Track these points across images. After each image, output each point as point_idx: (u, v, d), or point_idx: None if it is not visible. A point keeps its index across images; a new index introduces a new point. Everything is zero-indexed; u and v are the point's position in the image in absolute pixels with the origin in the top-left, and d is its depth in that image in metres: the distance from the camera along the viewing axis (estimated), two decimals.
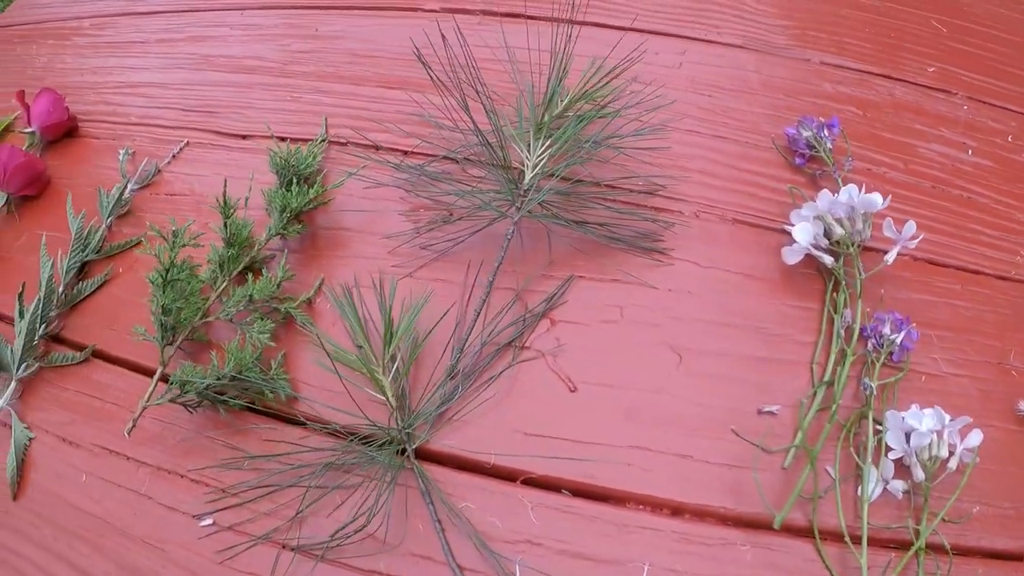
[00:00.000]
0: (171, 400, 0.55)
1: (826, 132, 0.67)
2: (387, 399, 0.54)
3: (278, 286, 0.59)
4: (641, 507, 0.53)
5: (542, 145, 0.61)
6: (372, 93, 0.74)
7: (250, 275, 0.61)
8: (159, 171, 0.73)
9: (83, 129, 0.82)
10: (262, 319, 0.58)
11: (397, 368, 0.54)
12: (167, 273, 0.57)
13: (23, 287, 0.68)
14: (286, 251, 0.64)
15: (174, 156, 0.74)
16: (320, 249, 0.65)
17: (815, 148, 0.66)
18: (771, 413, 0.55)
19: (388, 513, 0.52)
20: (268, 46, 0.81)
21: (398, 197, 0.67)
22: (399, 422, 0.54)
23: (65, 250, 0.69)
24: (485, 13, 0.80)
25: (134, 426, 0.55)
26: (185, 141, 0.74)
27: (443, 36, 0.62)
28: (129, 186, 0.72)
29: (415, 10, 0.81)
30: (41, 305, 0.63)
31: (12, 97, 0.80)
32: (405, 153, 0.70)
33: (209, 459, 0.56)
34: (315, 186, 0.63)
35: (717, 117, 0.72)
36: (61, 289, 0.66)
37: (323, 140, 0.70)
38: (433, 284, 0.62)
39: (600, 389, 0.58)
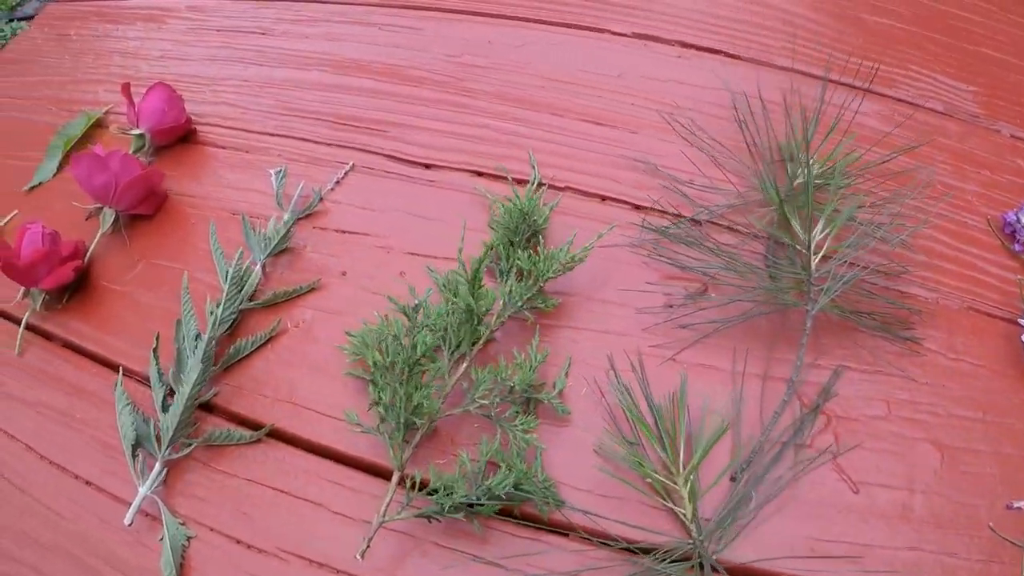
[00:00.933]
0: (418, 515, 0.43)
1: None
2: (684, 511, 0.44)
3: (534, 371, 0.48)
4: None
5: (822, 226, 0.52)
6: (576, 128, 0.64)
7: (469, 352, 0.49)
8: (321, 199, 0.60)
9: (202, 135, 0.67)
10: (520, 412, 0.47)
11: (687, 473, 0.45)
12: (410, 359, 0.44)
13: (157, 341, 0.54)
14: (537, 327, 0.52)
15: (338, 182, 0.61)
16: (562, 319, 0.54)
17: None
18: (1020, 509, 0.50)
19: None
20: (432, 55, 0.69)
21: (640, 262, 0.57)
22: (696, 535, 0.44)
23: (211, 294, 0.55)
24: (683, 45, 0.70)
25: (368, 546, 0.43)
26: (351, 164, 0.61)
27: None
28: (285, 216, 0.59)
29: (602, 31, 0.71)
30: (201, 368, 0.50)
31: (98, 87, 0.65)
32: (636, 208, 0.59)
33: None
34: (563, 248, 0.52)
35: (938, 194, 0.65)
36: (210, 339, 0.52)
37: (539, 184, 0.58)
38: (697, 370, 0.52)
39: (875, 489, 0.51)
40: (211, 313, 0.53)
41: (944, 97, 0.69)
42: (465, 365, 0.48)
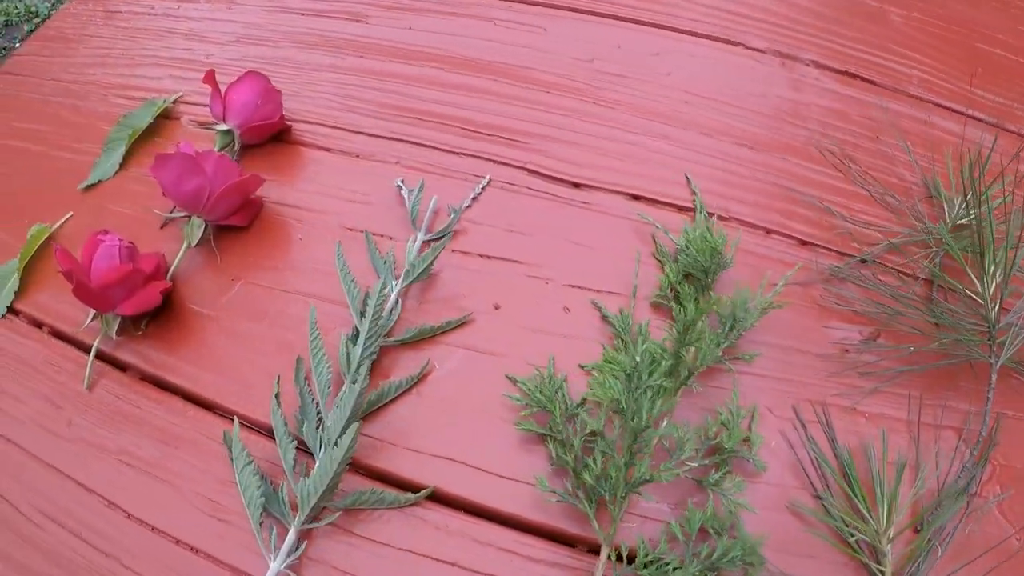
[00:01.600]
0: None
1: None
2: (884, 566, 0.39)
3: (736, 427, 0.41)
4: None
5: (998, 272, 0.47)
6: (728, 151, 0.57)
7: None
8: (456, 219, 0.52)
9: (296, 134, 0.58)
10: (723, 471, 0.40)
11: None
12: (633, 426, 0.37)
13: (278, 384, 0.45)
14: (735, 378, 0.45)
15: (475, 198, 0.52)
16: (741, 367, 0.48)
17: None
18: None
19: None
20: (561, 58, 0.61)
21: (811, 302, 0.51)
22: None
23: (325, 325, 0.47)
24: (817, 65, 0.64)
25: None
26: (487, 178, 0.53)
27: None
28: (419, 237, 0.50)
29: (737, 44, 0.64)
30: (356, 426, 0.41)
31: (160, 71, 0.55)
32: (802, 243, 0.53)
33: None
34: (759, 292, 0.45)
35: None
36: (362, 389, 0.44)
37: (704, 213, 0.51)
38: (876, 420, 0.47)
39: None
40: (344, 352, 0.45)
41: None
42: (666, 423, 0.41)
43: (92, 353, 0.51)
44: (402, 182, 0.53)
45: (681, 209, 0.53)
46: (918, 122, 0.61)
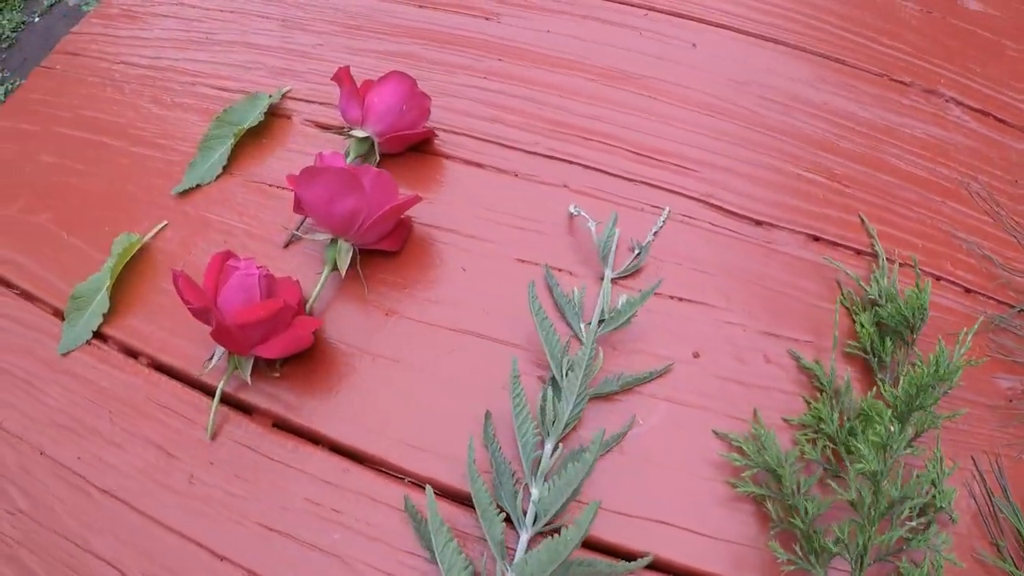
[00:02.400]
0: None
1: None
2: None
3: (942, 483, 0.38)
4: None
5: None
6: (897, 192, 0.53)
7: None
8: (638, 254, 0.47)
9: (437, 145, 0.51)
10: (929, 525, 0.37)
11: None
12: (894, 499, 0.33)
13: (472, 449, 0.39)
14: (938, 434, 0.42)
15: (655, 234, 0.47)
16: None
17: None
18: None
19: None
20: (716, 78, 0.57)
21: (979, 353, 0.48)
22: None
23: (495, 372, 0.41)
24: (956, 103, 0.62)
25: None
26: (667, 210, 0.48)
27: None
28: (607, 272, 0.45)
29: (882, 75, 0.61)
30: (596, 504, 0.35)
31: (261, 57, 0.49)
32: (966, 291, 0.50)
33: None
34: (956, 350, 0.42)
35: None
36: (595, 457, 0.38)
37: (884, 260, 0.48)
38: None
39: None
40: (550, 409, 0.39)
41: None
42: (885, 483, 0.37)
43: (217, 396, 0.43)
44: (579, 209, 0.47)
45: (859, 253, 0.50)
46: None
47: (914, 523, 0.39)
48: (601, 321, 0.44)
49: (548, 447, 0.39)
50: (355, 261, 0.45)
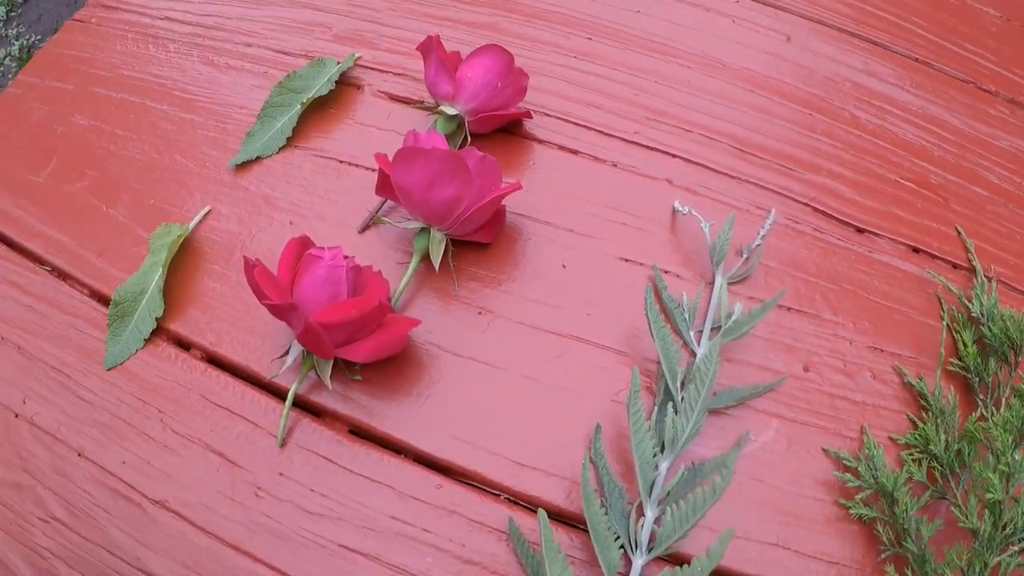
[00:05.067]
0: None
1: None
2: None
3: None
4: None
5: None
6: (990, 207, 0.49)
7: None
8: (747, 259, 0.42)
9: (528, 127, 0.46)
10: None
11: None
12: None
13: (586, 466, 0.34)
14: None
15: (762, 237, 0.43)
16: None
17: None
18: None
19: None
20: (811, 73, 0.52)
21: None
22: None
23: (606, 385, 0.37)
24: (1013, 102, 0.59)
25: None
26: (772, 211, 0.44)
27: None
28: (719, 281, 0.40)
29: (968, 81, 0.57)
30: (687, 523, 0.32)
31: (325, 16, 0.44)
32: None
33: None
34: None
35: None
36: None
37: (983, 278, 0.44)
38: None
39: None
40: (670, 423, 0.35)
41: None
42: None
43: (289, 400, 0.38)
44: (686, 207, 0.42)
45: (955, 267, 0.46)
46: None
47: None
48: (716, 329, 0.39)
49: (664, 466, 0.35)
50: (448, 253, 0.40)
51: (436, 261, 0.39)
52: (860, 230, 0.46)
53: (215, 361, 0.41)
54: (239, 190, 0.45)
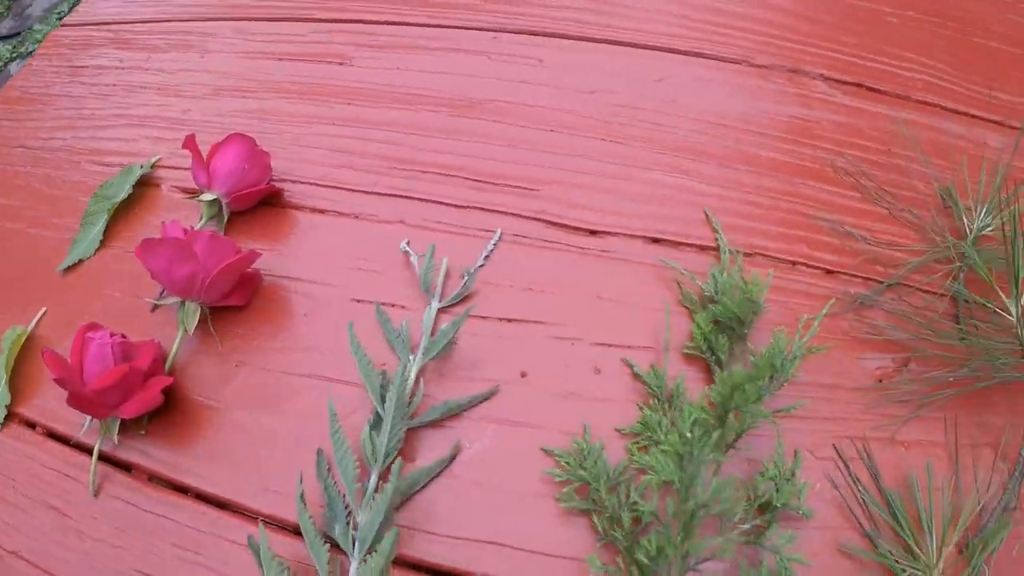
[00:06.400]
0: None
1: None
2: None
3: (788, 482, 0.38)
4: None
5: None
6: (748, 180, 0.53)
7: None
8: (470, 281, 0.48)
9: (287, 196, 0.54)
10: (772, 526, 0.37)
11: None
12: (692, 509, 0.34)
13: (301, 480, 0.41)
14: (778, 430, 0.42)
15: (487, 257, 0.48)
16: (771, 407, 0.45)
17: None
18: None
19: None
20: (564, 92, 0.57)
21: (841, 334, 0.48)
22: None
23: (344, 410, 0.43)
24: (824, 79, 0.60)
25: None
26: (498, 233, 0.49)
27: None
28: (434, 305, 0.46)
29: (741, 61, 0.60)
30: (395, 532, 0.37)
31: (135, 132, 0.52)
32: (828, 272, 0.50)
33: None
34: (797, 338, 0.42)
35: None
36: (395, 488, 0.40)
37: (727, 254, 0.48)
38: (915, 447, 0.44)
39: None
40: (368, 441, 0.41)
41: None
42: (715, 483, 0.38)
43: (94, 457, 0.46)
44: (408, 244, 0.49)
45: (703, 249, 0.50)
46: (927, 128, 0.58)
47: (747, 525, 0.39)
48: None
49: (373, 478, 0.41)
50: (205, 319, 0.48)
51: (190, 328, 0.47)
52: (593, 232, 0.50)
53: (53, 435, 0.50)
54: (68, 290, 0.55)
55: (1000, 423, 0.46)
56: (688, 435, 0.39)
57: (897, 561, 0.40)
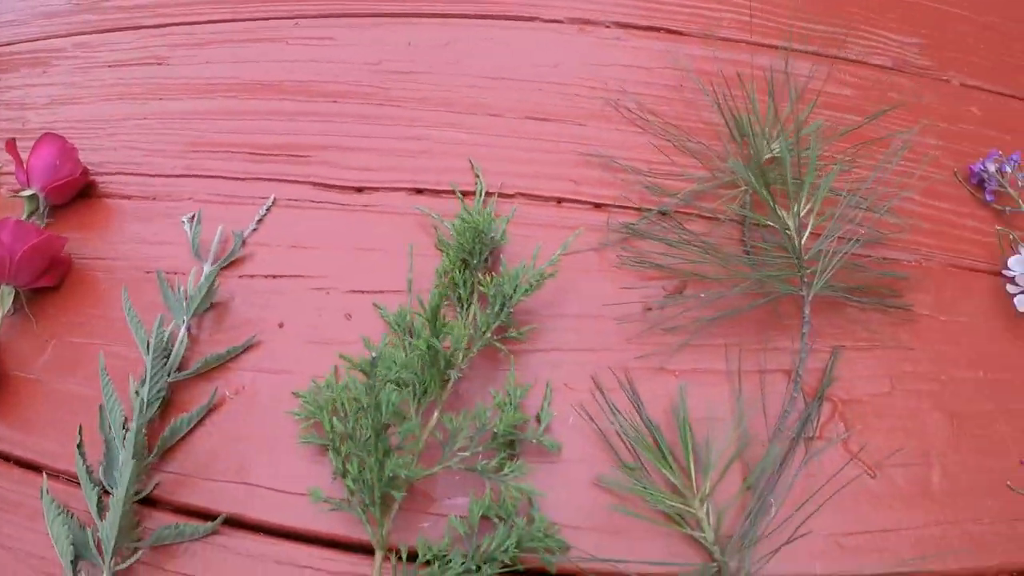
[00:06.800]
0: None
1: (1010, 168, 0.57)
2: (704, 534, 0.39)
3: (517, 410, 0.41)
4: None
5: (804, 200, 0.46)
6: (518, 127, 0.57)
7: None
8: (243, 243, 0.52)
9: (102, 187, 0.59)
10: (506, 458, 0.41)
11: (701, 491, 0.40)
12: (376, 420, 0.37)
13: (80, 434, 0.46)
14: (512, 360, 0.46)
15: (260, 221, 0.53)
16: (537, 344, 0.48)
17: (1002, 185, 0.57)
18: None
19: None
20: (349, 66, 0.61)
21: (610, 265, 0.51)
22: (721, 557, 0.39)
23: (132, 370, 0.48)
24: (620, 25, 0.63)
25: None
26: (271, 198, 0.54)
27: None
28: (206, 266, 0.51)
29: (533, 19, 0.63)
30: (133, 463, 0.42)
31: None
32: (597, 207, 0.53)
33: None
34: (529, 264, 0.45)
35: (916, 155, 0.60)
36: (138, 427, 0.45)
37: (487, 194, 0.51)
38: (690, 376, 0.46)
39: (892, 470, 0.47)
40: (136, 394, 0.46)
41: (892, 52, 0.64)
42: (437, 414, 0.41)
43: None
44: (191, 218, 0.53)
45: (465, 195, 0.53)
46: (733, 64, 0.60)
47: (467, 453, 0.42)
48: None
49: (134, 426, 0.46)
50: (19, 300, 0.54)
51: (4, 309, 0.53)
52: (360, 189, 0.54)
53: None
54: None
55: (793, 346, 0.48)
56: (374, 355, 0.42)
57: (658, 494, 0.42)
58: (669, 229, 0.54)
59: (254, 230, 0.53)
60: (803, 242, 0.46)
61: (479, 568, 0.38)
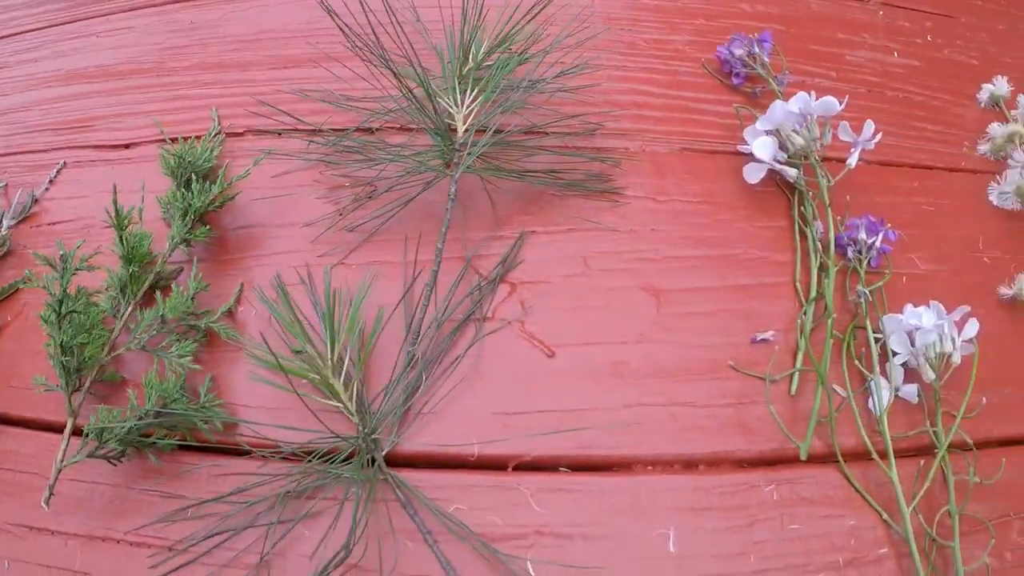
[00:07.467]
0: (90, 455, 0.44)
1: (758, 48, 0.62)
2: (343, 404, 0.45)
3: (192, 300, 0.49)
4: (650, 469, 0.46)
5: (470, 96, 0.53)
6: (264, 77, 0.65)
7: (158, 294, 0.50)
8: (36, 200, 0.61)
9: None
10: (180, 341, 0.48)
11: (347, 367, 0.46)
12: (60, 306, 0.45)
13: None
14: (196, 260, 0.54)
15: (51, 181, 0.62)
16: (233, 252, 0.56)
17: (750, 66, 0.61)
18: (766, 340, 0.50)
19: (370, 536, 0.43)
20: (141, 48, 0.70)
21: (312, 180, 0.58)
22: (361, 428, 0.45)
23: None
24: None
25: (51, 494, 0.44)
26: (62, 162, 0.62)
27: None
28: (5, 222, 0.60)
29: None
30: None
31: None
32: (313, 132, 0.60)
33: (147, 515, 0.46)
34: (218, 182, 0.53)
35: (641, 50, 0.66)
36: None
37: (217, 133, 0.59)
38: (370, 268, 0.53)
39: (580, 349, 0.51)
40: None
41: None
42: (130, 309, 0.49)
43: None
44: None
45: (199, 138, 0.61)
46: None
47: (146, 336, 0.48)
48: None
49: None
50: None
51: None
52: (127, 146, 0.63)
53: None
54: None
55: (474, 236, 0.54)
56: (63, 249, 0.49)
57: (299, 367, 0.46)
58: (374, 145, 0.58)
59: (46, 189, 0.62)
60: (463, 130, 0.52)
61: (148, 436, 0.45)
